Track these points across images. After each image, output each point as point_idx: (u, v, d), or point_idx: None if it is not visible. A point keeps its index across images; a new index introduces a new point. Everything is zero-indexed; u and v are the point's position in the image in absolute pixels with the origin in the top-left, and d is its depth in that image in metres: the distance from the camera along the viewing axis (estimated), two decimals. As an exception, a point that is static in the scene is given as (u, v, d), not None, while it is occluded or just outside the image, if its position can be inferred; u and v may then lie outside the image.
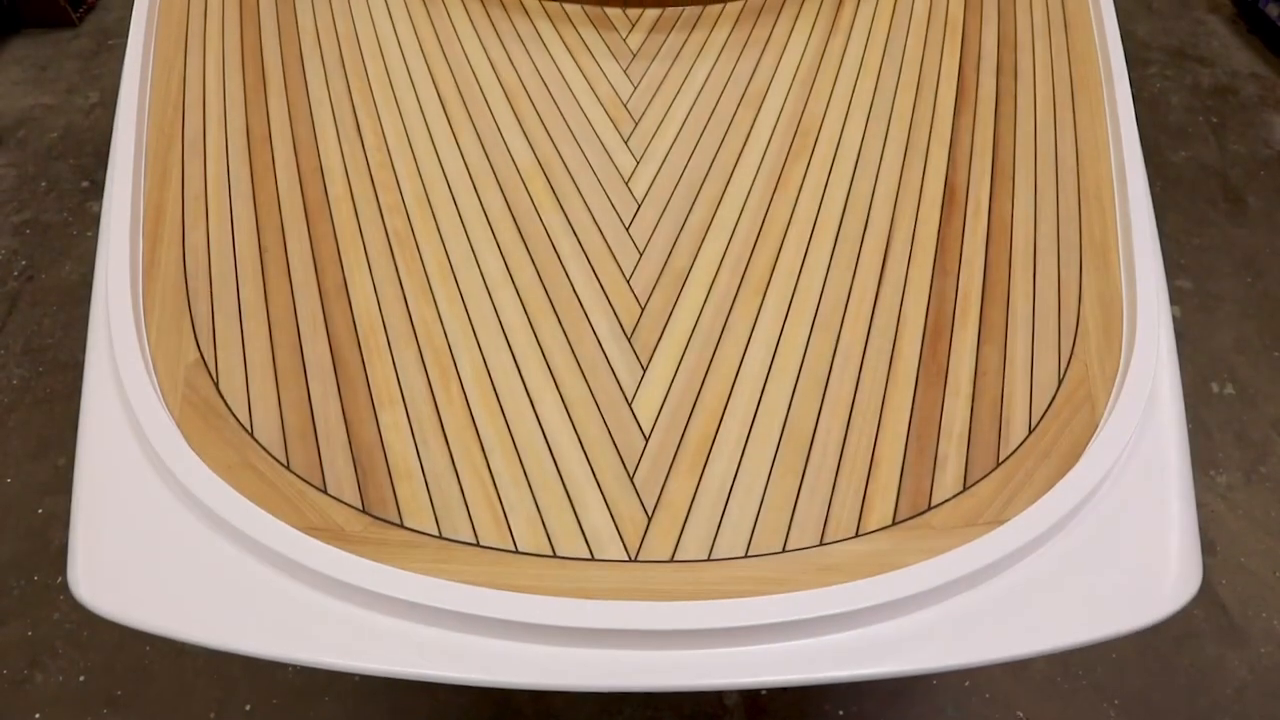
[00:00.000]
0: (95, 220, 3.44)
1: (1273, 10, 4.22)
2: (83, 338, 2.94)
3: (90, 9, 4.54)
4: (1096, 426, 1.24)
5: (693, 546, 1.14)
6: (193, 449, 1.18)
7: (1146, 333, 1.32)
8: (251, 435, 1.21)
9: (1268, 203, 3.60)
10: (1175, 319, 3.13)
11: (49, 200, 3.53)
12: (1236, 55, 4.41)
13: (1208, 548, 2.50)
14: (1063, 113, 1.66)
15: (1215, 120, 4.01)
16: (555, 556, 1.13)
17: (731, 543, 1.14)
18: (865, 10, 1.81)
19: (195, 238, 1.41)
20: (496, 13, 1.77)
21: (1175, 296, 3.21)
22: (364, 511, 1.15)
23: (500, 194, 1.47)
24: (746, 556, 1.13)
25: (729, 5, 1.80)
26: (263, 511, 1.12)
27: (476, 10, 1.78)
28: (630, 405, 1.23)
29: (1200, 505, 2.58)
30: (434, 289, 1.35)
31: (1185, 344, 3.05)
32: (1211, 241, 3.43)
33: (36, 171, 3.65)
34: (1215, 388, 2.93)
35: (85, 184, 3.60)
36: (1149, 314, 1.34)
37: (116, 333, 1.28)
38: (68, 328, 3.05)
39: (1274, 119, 4.03)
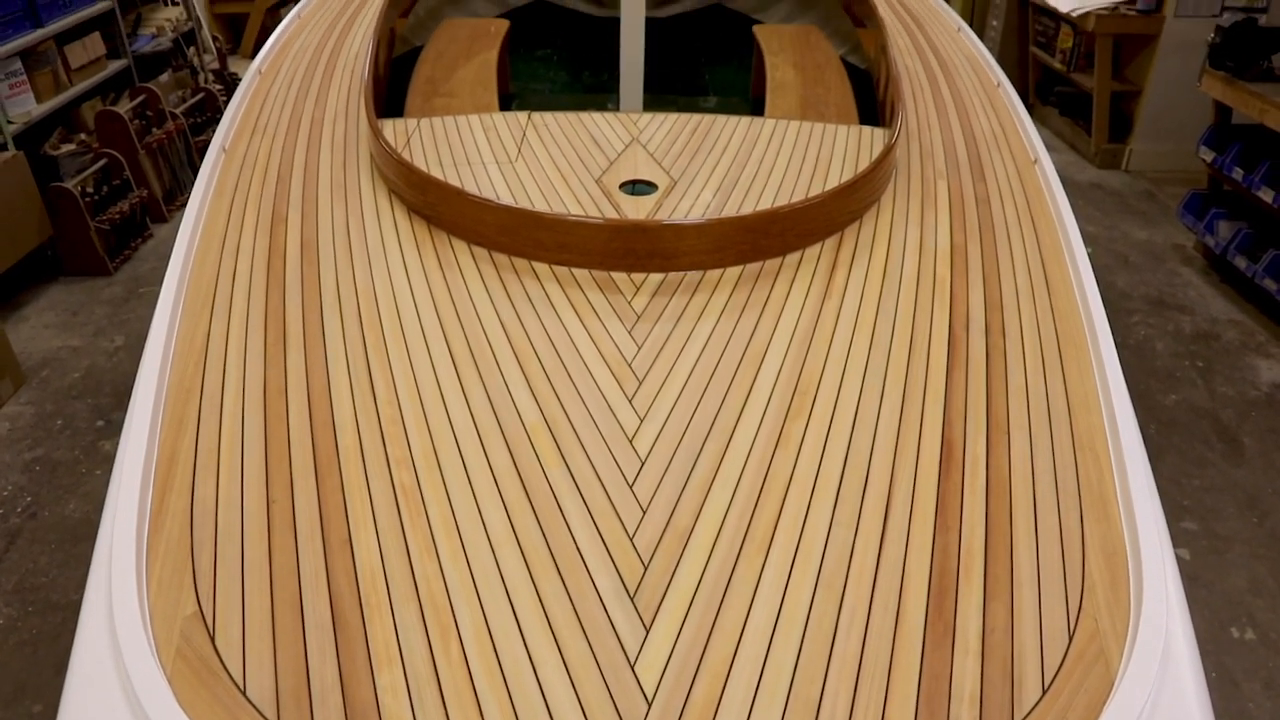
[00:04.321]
0: (105, 459, 3.48)
1: (1240, 262, 4.46)
2: (78, 578, 2.90)
3: (126, 259, 4.82)
4: (1112, 685, 1.20)
5: None
6: (181, 707, 1.14)
7: (1154, 583, 1.30)
8: (244, 694, 1.17)
9: (1263, 442, 3.66)
10: (1184, 561, 3.09)
11: (62, 438, 3.59)
12: (1213, 303, 4.62)
13: (1249, 813, 2.34)
14: (1051, 367, 1.72)
15: (1201, 364, 4.14)
16: None
17: None
18: (857, 274, 1.92)
19: (205, 488, 1.44)
20: (508, 276, 1.88)
21: (1182, 539, 3.19)
22: None
23: (506, 451, 1.50)
24: None
25: (728, 270, 1.91)
26: None
27: (489, 273, 1.89)
28: (633, 668, 1.20)
29: (1235, 765, 2.44)
30: (438, 545, 1.35)
31: (1198, 587, 2.99)
32: (1212, 482, 3.45)
33: (54, 410, 3.74)
34: (1235, 633, 2.85)
35: (100, 423, 3.67)
36: (1154, 563, 1.33)
37: (116, 579, 1.27)
38: (63, 566, 3.02)
39: (1258, 362, 4.16)
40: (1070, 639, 1.26)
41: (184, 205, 2.27)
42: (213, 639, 1.23)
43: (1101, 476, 1.50)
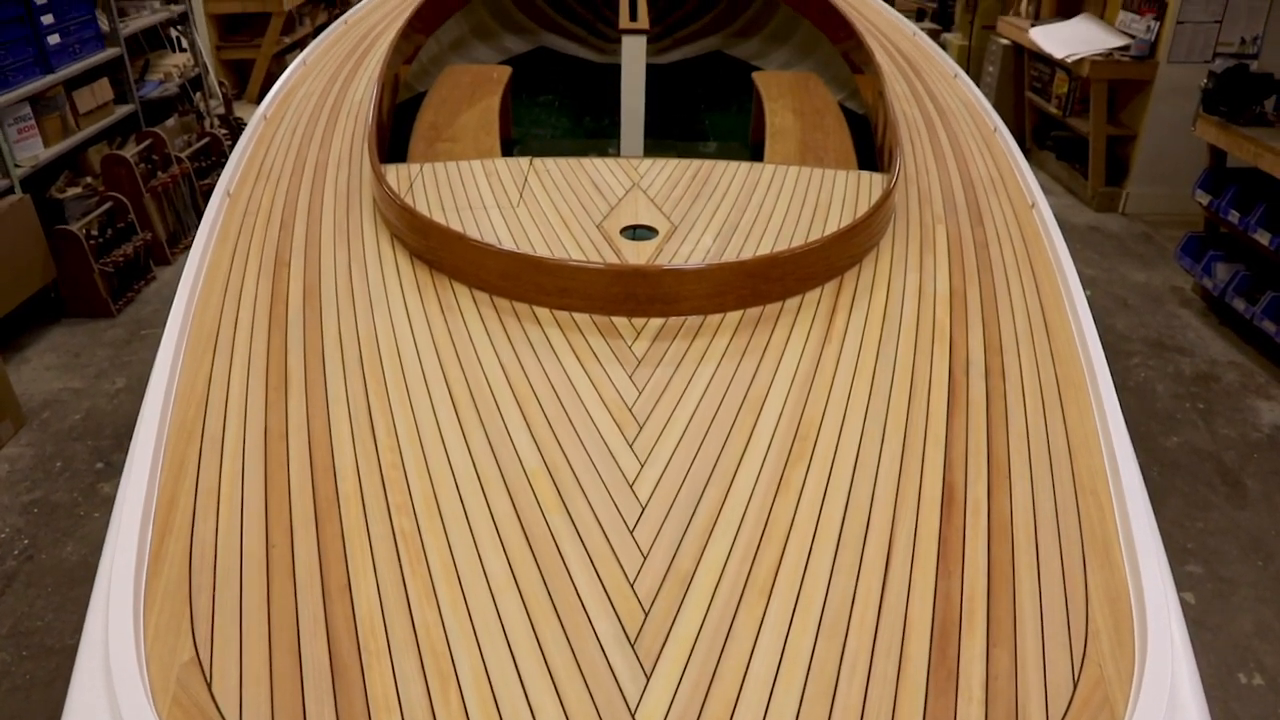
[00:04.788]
0: (104, 502, 3.47)
1: (1239, 304, 4.48)
2: (74, 622, 2.88)
3: (129, 302, 4.84)
4: None
5: None
6: None
7: (1158, 628, 1.29)
8: None
9: (1266, 484, 3.64)
10: (1189, 605, 3.06)
11: (61, 480, 3.58)
12: (1213, 345, 4.63)
13: None
14: (1051, 410, 1.72)
15: (1202, 406, 4.14)
16: None
17: None
18: (857, 318, 1.92)
19: (204, 531, 1.43)
20: (510, 320, 1.89)
21: (1187, 582, 3.16)
22: None
23: (507, 496, 1.50)
24: None
25: (729, 315, 1.91)
26: None
27: (490, 317, 1.90)
28: (633, 715, 1.19)
29: (1246, 815, 2.40)
30: (437, 591, 1.34)
31: (1204, 631, 2.96)
32: (1216, 525, 3.43)
33: (54, 451, 3.74)
34: (1243, 678, 2.81)
35: (100, 465, 3.66)
36: (1158, 607, 1.32)
37: (114, 624, 1.26)
38: (59, 610, 2.99)
39: (1259, 404, 4.16)
40: (1075, 686, 1.24)
41: (188, 248, 2.29)
42: (209, 686, 1.22)
43: (1103, 520, 1.50)
